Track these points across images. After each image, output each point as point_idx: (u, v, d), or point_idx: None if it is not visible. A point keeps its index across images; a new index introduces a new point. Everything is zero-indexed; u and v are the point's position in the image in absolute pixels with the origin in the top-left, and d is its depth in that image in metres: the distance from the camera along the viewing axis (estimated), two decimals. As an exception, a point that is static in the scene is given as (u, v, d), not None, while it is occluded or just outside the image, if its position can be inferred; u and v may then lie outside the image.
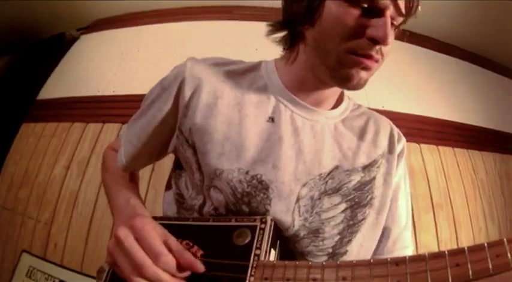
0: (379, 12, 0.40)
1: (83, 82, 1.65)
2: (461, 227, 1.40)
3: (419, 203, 1.37)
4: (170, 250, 0.38)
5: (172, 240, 0.39)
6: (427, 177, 1.43)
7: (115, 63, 1.65)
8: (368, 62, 0.42)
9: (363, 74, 0.43)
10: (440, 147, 1.52)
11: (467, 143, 1.59)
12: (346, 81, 0.44)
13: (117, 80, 1.60)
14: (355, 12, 0.40)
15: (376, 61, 0.43)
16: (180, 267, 0.37)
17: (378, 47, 0.41)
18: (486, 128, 1.69)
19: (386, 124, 0.57)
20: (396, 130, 0.58)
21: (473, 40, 1.81)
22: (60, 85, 1.71)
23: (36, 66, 1.87)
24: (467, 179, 1.51)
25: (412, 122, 1.53)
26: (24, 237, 1.38)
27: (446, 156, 1.52)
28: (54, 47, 1.88)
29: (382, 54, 0.43)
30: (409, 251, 0.54)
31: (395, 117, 0.59)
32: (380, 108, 1.48)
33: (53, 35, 1.95)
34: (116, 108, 1.51)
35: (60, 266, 1.28)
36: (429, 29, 1.77)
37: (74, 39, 1.88)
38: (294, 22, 0.48)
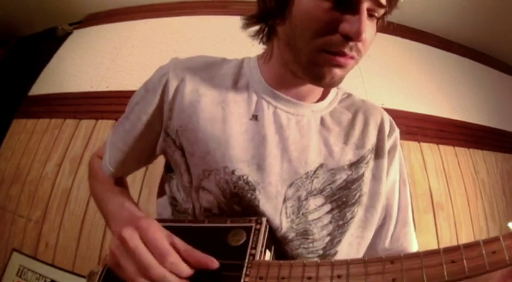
0: (354, 5, 0.37)
1: (75, 78, 1.64)
2: (462, 228, 1.38)
3: (420, 203, 1.35)
4: (177, 251, 0.37)
5: (178, 241, 0.38)
6: (428, 177, 1.41)
7: (108, 58, 1.63)
8: (341, 60, 0.40)
9: (337, 71, 0.41)
10: (440, 146, 1.51)
11: (469, 141, 1.58)
12: (319, 80, 0.43)
13: (110, 75, 1.58)
14: (327, 5, 0.38)
15: (352, 58, 0.41)
16: (188, 268, 0.36)
17: (352, 44, 0.39)
18: (488, 127, 1.67)
19: (378, 114, 0.55)
20: (388, 121, 0.55)
21: (475, 37, 1.80)
22: (52, 81, 1.69)
23: (27, 61, 1.85)
24: (468, 178, 1.50)
25: (412, 120, 1.51)
26: (14, 236, 1.36)
27: (447, 155, 1.50)
28: (46, 41, 1.87)
29: (358, 50, 0.40)
30: (412, 247, 0.53)
31: (395, 116, 0.59)
32: (380, 105, 1.45)
33: (45, 30, 1.92)
34: (109, 104, 1.50)
35: (52, 265, 1.26)
36: (430, 25, 1.75)
37: (67, 34, 1.86)
38: (267, 17, 0.47)
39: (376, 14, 0.40)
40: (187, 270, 0.35)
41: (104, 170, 0.55)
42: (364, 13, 0.37)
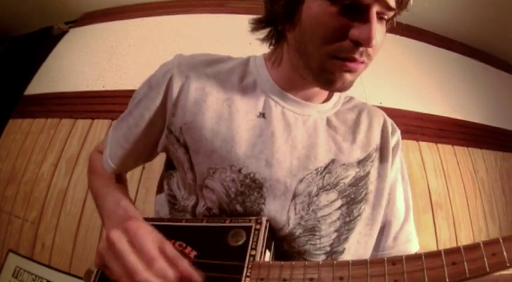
0: (363, 10, 0.37)
1: (71, 77, 1.62)
2: (461, 227, 1.37)
3: (418, 203, 1.34)
4: (166, 256, 0.36)
5: (168, 246, 0.37)
6: (426, 176, 1.40)
7: (105, 57, 1.62)
8: (352, 66, 0.40)
9: (347, 76, 0.42)
10: (439, 145, 1.50)
11: (468, 140, 1.57)
12: (330, 85, 0.43)
13: (107, 75, 1.57)
14: (337, 11, 0.38)
15: (362, 63, 0.41)
16: (175, 275, 0.36)
17: (362, 49, 0.39)
18: (487, 126, 1.66)
19: (380, 116, 0.56)
20: (390, 122, 0.57)
21: (474, 35, 1.79)
22: (48, 80, 1.68)
23: (23, 61, 1.84)
24: (467, 177, 1.49)
25: (411, 119, 1.50)
26: (10, 237, 1.35)
27: (446, 154, 1.49)
28: (42, 40, 1.85)
29: (368, 55, 0.41)
30: (413, 245, 0.53)
31: (394, 114, 0.60)
32: (378, 104, 1.45)
33: (41, 29, 1.91)
34: (105, 104, 1.49)
35: (48, 266, 1.25)
36: (429, 23, 1.74)
37: (63, 33, 1.84)
38: (275, 21, 0.47)
39: (385, 17, 0.40)
40: (174, 276, 0.35)
41: (104, 166, 0.55)
42: (374, 19, 0.37)
